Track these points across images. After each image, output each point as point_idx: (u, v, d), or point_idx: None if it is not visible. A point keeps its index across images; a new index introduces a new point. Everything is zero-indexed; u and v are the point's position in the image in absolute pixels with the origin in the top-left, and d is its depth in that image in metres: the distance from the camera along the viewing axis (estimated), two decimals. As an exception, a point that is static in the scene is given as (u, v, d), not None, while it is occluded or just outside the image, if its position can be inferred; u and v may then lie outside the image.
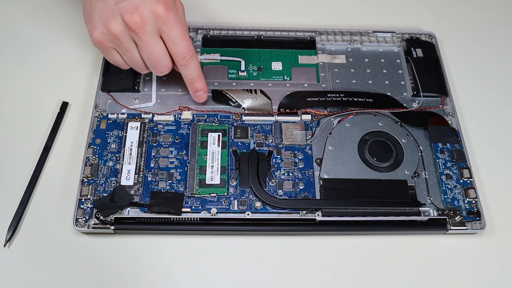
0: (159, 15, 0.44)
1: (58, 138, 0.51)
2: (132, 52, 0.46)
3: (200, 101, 0.51)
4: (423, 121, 0.52)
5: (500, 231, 0.48)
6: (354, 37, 0.58)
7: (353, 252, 0.47)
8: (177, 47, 0.46)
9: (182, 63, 0.47)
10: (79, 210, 0.46)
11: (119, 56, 0.47)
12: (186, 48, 0.46)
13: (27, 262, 0.45)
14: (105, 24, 0.45)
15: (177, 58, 0.46)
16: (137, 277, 0.45)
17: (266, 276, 0.45)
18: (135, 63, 0.47)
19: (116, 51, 0.47)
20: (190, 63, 0.47)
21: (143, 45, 0.45)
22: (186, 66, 0.47)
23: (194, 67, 0.48)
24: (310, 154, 0.50)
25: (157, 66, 0.47)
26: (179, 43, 0.45)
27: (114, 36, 0.45)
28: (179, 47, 0.46)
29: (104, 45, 0.46)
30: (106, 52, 0.47)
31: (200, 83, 0.49)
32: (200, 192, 0.47)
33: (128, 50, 0.46)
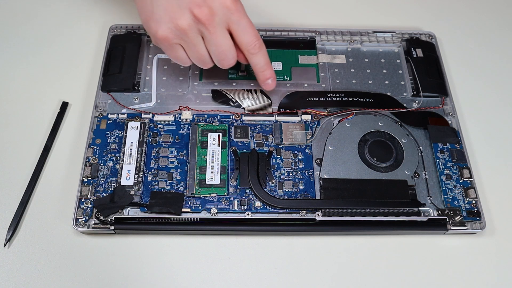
0: (228, 6, 0.44)
1: (58, 138, 0.51)
2: (198, 47, 0.46)
3: (269, 89, 0.50)
4: (423, 121, 0.52)
5: (500, 231, 0.48)
6: (354, 37, 0.58)
7: (353, 252, 0.47)
8: (248, 36, 0.46)
9: (253, 51, 0.47)
10: (79, 210, 0.46)
11: (184, 52, 0.47)
12: (255, 36, 0.46)
13: (27, 262, 0.45)
14: (172, 19, 0.44)
15: (248, 47, 0.46)
16: (137, 277, 0.45)
17: (266, 276, 0.45)
18: (200, 58, 0.47)
19: (181, 47, 0.47)
20: (260, 51, 0.47)
21: (212, 38, 0.45)
22: (257, 54, 0.47)
23: (264, 55, 0.48)
24: (310, 154, 0.50)
25: (225, 58, 0.47)
26: (249, 32, 0.46)
27: (182, 31, 0.45)
28: (250, 35, 0.46)
29: (170, 41, 0.46)
30: (171, 49, 0.47)
31: (270, 71, 0.49)
32: (200, 192, 0.47)
33: (195, 44, 0.46)
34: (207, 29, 0.44)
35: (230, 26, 0.45)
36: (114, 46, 0.55)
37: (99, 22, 0.59)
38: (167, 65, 0.55)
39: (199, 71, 0.55)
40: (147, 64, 0.55)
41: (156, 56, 0.56)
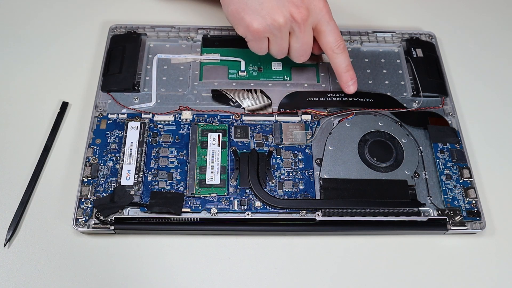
0: (321, 8, 0.48)
1: (58, 138, 0.51)
2: (284, 41, 0.49)
3: (350, 92, 0.51)
4: (423, 121, 0.52)
5: (500, 231, 0.48)
6: (354, 37, 0.58)
7: (353, 252, 0.47)
8: (335, 36, 0.49)
9: (338, 51, 0.49)
10: (79, 210, 0.46)
11: (267, 44, 0.50)
12: (341, 37, 0.49)
13: (27, 262, 0.45)
14: (269, 14, 0.47)
15: (334, 47, 0.49)
16: (137, 277, 0.45)
17: (266, 276, 0.45)
18: (281, 50, 0.50)
19: (267, 39, 0.49)
20: (344, 51, 0.50)
21: (301, 36, 0.48)
22: (341, 54, 0.50)
23: (347, 56, 0.50)
24: (310, 154, 0.50)
25: (303, 55, 0.50)
26: (336, 33, 0.49)
27: (277, 27, 0.47)
28: (337, 36, 0.49)
29: (262, 34, 0.48)
30: (259, 41, 0.49)
31: (352, 72, 0.51)
32: (200, 192, 0.47)
33: (282, 39, 0.49)
34: (300, 28, 0.47)
35: (318, 26, 0.49)
36: (114, 46, 0.55)
37: (99, 22, 0.59)
38: (167, 65, 0.56)
39: (199, 71, 0.55)
40: (147, 64, 0.55)
41: (156, 56, 0.56)
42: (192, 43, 0.57)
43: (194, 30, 0.58)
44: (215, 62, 0.56)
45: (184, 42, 0.57)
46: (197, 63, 0.56)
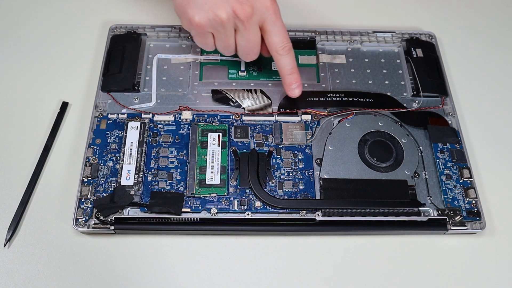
0: (268, 6, 0.46)
1: (58, 138, 0.51)
2: (229, 38, 0.48)
3: (294, 96, 0.51)
4: (423, 121, 0.52)
5: (500, 231, 0.48)
6: (354, 37, 0.58)
7: (353, 252, 0.47)
8: (280, 37, 0.48)
9: (283, 53, 0.48)
10: (79, 210, 0.46)
11: (212, 39, 0.49)
12: (286, 38, 0.48)
13: (27, 262, 0.45)
14: (212, 9, 0.46)
15: (278, 48, 0.48)
16: (137, 277, 0.45)
17: (266, 276, 0.45)
18: (227, 47, 0.49)
19: (212, 35, 0.48)
20: (289, 53, 0.49)
21: (246, 33, 0.47)
22: (285, 56, 0.49)
23: (292, 58, 0.49)
24: (310, 154, 0.50)
25: (250, 53, 0.50)
26: (282, 34, 0.48)
27: (219, 22, 0.46)
28: (282, 37, 0.48)
29: (204, 29, 0.47)
30: (202, 36, 0.49)
31: (296, 75, 0.50)
32: (200, 192, 0.47)
33: (227, 35, 0.48)
34: (244, 25, 0.46)
35: (264, 25, 0.47)
36: (114, 46, 0.55)
37: (99, 22, 0.59)
38: (167, 65, 0.56)
39: (199, 71, 0.55)
40: (147, 64, 0.55)
41: (156, 56, 0.56)
42: (192, 43, 0.57)
43: (194, 30, 0.58)
44: (215, 62, 0.56)
45: (184, 42, 0.57)
46: (197, 63, 0.56)
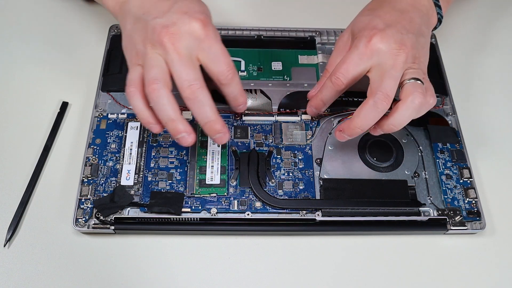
0: (197, 34, 0.41)
1: (58, 138, 0.51)
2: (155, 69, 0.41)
3: (240, 111, 0.48)
4: (423, 121, 0.52)
5: (500, 231, 0.48)
6: (354, 37, 0.58)
7: (353, 252, 0.47)
8: (219, 65, 0.42)
9: (224, 82, 0.43)
10: (79, 210, 0.46)
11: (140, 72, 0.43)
12: (227, 65, 0.42)
13: (27, 262, 0.45)
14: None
15: (220, 77, 0.42)
16: (137, 277, 0.45)
17: (266, 276, 0.45)
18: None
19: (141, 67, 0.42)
20: (232, 81, 0.43)
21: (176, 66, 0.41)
22: (229, 84, 0.43)
23: (237, 84, 0.44)
24: (310, 154, 0.50)
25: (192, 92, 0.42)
26: (221, 60, 0.42)
27: (142, 54, 0.42)
28: (221, 64, 0.42)
29: (133, 61, 0.43)
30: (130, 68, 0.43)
31: (242, 98, 0.45)
32: (200, 192, 0.47)
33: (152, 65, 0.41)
34: (170, 55, 0.40)
35: (199, 55, 0.41)
36: (114, 46, 0.55)
37: (99, 22, 0.59)
38: (167, 65, 0.55)
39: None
40: (147, 64, 0.55)
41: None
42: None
43: (194, 30, 0.57)
44: (215, 62, 0.56)
45: (184, 42, 0.57)
46: (197, 63, 0.56)
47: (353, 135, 0.44)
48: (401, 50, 0.43)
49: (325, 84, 0.46)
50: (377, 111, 0.42)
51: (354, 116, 0.43)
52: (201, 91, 0.41)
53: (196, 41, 0.41)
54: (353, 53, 0.43)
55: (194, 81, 0.41)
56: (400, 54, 0.42)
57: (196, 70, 0.41)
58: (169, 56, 0.41)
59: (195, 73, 0.41)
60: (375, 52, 0.43)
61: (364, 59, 0.43)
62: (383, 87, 0.42)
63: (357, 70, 0.43)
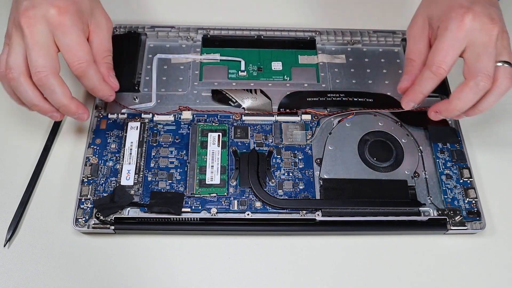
0: (51, 20, 0.41)
1: (58, 138, 0.51)
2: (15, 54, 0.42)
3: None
4: (423, 121, 0.52)
5: (500, 231, 0.48)
6: (354, 37, 0.58)
7: (353, 252, 0.47)
8: (70, 56, 0.42)
9: (76, 74, 0.43)
10: (79, 210, 0.46)
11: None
12: (78, 58, 0.42)
13: (27, 262, 0.45)
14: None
15: (71, 69, 0.43)
16: (137, 277, 0.45)
17: (266, 276, 0.45)
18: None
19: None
20: (83, 75, 0.43)
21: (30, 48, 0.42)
22: (81, 78, 0.44)
23: (90, 79, 0.44)
24: (310, 154, 0.50)
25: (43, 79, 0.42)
26: (72, 52, 0.42)
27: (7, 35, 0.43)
28: (72, 56, 0.42)
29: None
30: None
31: (101, 91, 0.45)
32: (200, 192, 0.47)
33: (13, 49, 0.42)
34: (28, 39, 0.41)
35: (56, 42, 0.42)
36: (114, 46, 0.55)
37: (99, 22, 0.59)
38: (167, 65, 0.55)
39: (199, 71, 0.55)
40: (147, 64, 0.55)
41: (156, 56, 0.56)
42: (192, 43, 0.57)
43: (194, 30, 0.58)
44: (215, 62, 0.56)
45: (184, 42, 0.57)
46: (197, 63, 0.56)
47: (450, 116, 0.46)
48: (494, 25, 0.42)
49: (424, 75, 0.44)
50: (478, 93, 0.42)
51: (453, 98, 0.43)
52: (47, 78, 0.41)
53: (50, 28, 0.41)
54: (447, 36, 0.43)
55: (42, 68, 0.41)
56: (494, 29, 0.42)
57: (49, 56, 0.42)
58: (24, 40, 0.41)
59: (45, 60, 0.41)
60: (469, 32, 0.42)
61: (460, 40, 0.42)
62: (483, 67, 0.42)
63: (456, 54, 0.43)
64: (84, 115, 0.45)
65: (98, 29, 0.46)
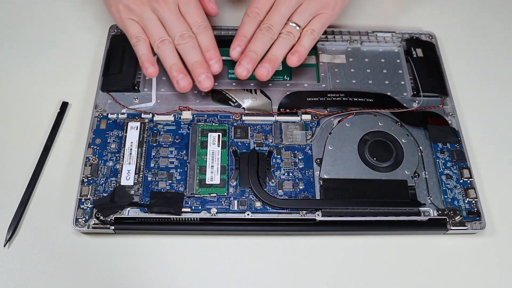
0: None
1: (58, 138, 0.51)
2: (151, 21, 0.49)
3: (214, 71, 0.50)
4: (423, 121, 0.52)
5: (500, 231, 0.48)
6: (354, 37, 0.58)
7: (353, 252, 0.47)
8: (193, 17, 0.49)
9: (197, 31, 0.49)
10: (79, 210, 0.46)
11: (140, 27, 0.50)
12: (201, 18, 0.49)
13: (27, 262, 0.45)
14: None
15: (193, 27, 0.49)
16: (137, 277, 0.45)
17: (266, 276, 0.45)
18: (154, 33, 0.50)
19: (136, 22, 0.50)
20: (205, 31, 0.49)
21: (165, 14, 0.49)
22: (201, 34, 0.49)
23: (209, 36, 0.50)
24: (310, 154, 0.50)
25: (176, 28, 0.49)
26: (195, 13, 0.49)
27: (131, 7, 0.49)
28: (195, 16, 0.49)
29: (122, 16, 0.50)
30: (123, 24, 0.51)
31: (213, 51, 0.50)
32: (200, 192, 0.47)
33: (148, 19, 0.49)
34: (160, 5, 0.48)
35: (179, 6, 0.49)
36: (114, 46, 0.55)
37: (99, 22, 0.59)
38: (167, 65, 0.55)
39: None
40: (147, 64, 0.55)
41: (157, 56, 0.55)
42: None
43: (194, 30, 0.58)
44: (215, 62, 0.56)
45: (184, 42, 0.57)
46: (197, 63, 0.56)
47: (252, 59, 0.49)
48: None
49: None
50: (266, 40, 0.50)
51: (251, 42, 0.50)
52: (191, 38, 0.49)
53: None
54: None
55: (184, 31, 0.49)
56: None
57: (183, 22, 0.49)
58: (160, 13, 0.49)
59: (184, 26, 0.49)
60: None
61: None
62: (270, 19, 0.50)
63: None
64: (216, 64, 0.50)
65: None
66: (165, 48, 0.49)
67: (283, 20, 0.49)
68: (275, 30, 0.49)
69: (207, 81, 0.48)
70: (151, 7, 0.49)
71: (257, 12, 0.49)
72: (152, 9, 0.49)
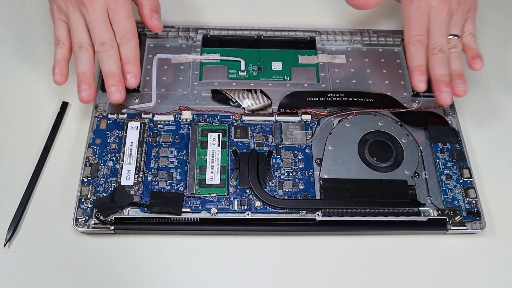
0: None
1: (58, 138, 0.51)
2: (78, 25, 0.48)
3: (128, 85, 0.49)
4: (423, 121, 0.52)
5: (500, 231, 0.48)
6: (354, 37, 0.58)
7: (353, 252, 0.47)
8: (119, 26, 0.48)
9: (120, 42, 0.48)
10: (79, 210, 0.46)
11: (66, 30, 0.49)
12: (126, 29, 0.48)
13: (27, 262, 0.45)
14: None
15: (117, 37, 0.48)
16: (137, 277, 0.45)
17: (266, 276, 0.45)
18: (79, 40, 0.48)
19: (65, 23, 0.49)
20: (126, 43, 0.48)
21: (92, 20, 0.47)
22: (123, 45, 0.48)
23: (131, 48, 0.48)
24: (310, 154, 0.50)
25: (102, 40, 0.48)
26: (122, 22, 0.48)
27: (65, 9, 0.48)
28: (121, 26, 0.48)
29: (54, 15, 0.49)
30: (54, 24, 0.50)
31: (130, 65, 0.48)
32: (200, 192, 0.47)
33: (75, 22, 0.48)
34: (87, 10, 0.47)
35: (109, 13, 0.48)
36: (114, 46, 0.55)
37: (99, 22, 0.59)
38: (167, 65, 0.56)
39: (199, 71, 0.55)
40: (147, 64, 0.55)
41: (156, 56, 0.56)
42: (192, 43, 0.57)
43: (194, 30, 0.58)
44: (215, 62, 0.56)
45: (184, 42, 0.57)
46: (197, 63, 0.56)
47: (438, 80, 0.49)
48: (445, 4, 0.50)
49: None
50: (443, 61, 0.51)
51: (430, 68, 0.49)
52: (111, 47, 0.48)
53: (107, 3, 0.48)
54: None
55: (107, 39, 0.47)
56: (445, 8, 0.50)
57: (109, 29, 0.48)
58: (87, 17, 0.47)
59: (108, 32, 0.48)
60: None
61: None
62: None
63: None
64: (133, 79, 0.48)
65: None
66: (81, 54, 0.48)
67: (446, 37, 0.50)
68: (446, 49, 0.49)
69: (117, 94, 0.47)
70: (80, 11, 0.48)
71: (420, 39, 0.49)
72: (80, 13, 0.48)
